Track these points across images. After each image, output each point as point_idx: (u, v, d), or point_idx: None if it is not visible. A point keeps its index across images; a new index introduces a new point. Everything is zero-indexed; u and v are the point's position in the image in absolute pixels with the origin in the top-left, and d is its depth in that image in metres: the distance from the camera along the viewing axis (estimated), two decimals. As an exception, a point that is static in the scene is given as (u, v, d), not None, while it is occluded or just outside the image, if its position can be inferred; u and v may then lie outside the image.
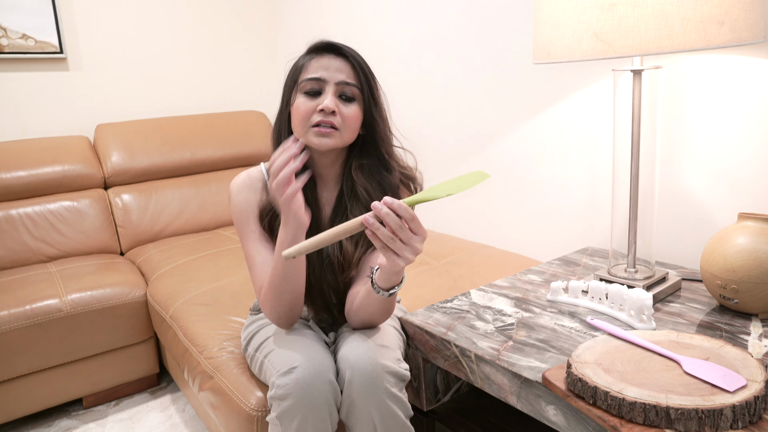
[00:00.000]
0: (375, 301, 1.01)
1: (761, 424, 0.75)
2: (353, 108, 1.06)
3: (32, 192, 2.13)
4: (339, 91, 1.05)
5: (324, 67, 1.05)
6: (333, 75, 1.04)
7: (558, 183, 1.69)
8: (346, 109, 1.05)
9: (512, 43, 1.73)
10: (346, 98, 1.06)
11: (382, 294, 0.97)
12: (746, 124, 1.26)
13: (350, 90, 1.05)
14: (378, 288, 0.97)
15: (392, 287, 0.97)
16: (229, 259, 1.92)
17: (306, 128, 1.05)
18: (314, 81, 1.04)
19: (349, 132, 1.06)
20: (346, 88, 1.05)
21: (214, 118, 2.59)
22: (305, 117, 1.04)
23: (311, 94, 1.05)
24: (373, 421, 0.97)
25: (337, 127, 1.04)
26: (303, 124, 1.05)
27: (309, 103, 1.04)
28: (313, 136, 1.04)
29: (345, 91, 1.05)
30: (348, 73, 1.06)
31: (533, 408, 0.93)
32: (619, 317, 1.10)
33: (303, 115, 1.04)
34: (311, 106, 1.04)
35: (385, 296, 0.98)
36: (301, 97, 1.05)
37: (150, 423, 1.72)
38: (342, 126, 1.05)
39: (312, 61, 1.07)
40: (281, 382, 0.95)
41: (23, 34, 2.24)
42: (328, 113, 1.03)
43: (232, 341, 1.35)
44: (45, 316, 1.65)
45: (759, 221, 1.09)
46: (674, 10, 0.96)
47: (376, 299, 1.00)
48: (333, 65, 1.05)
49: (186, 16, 2.64)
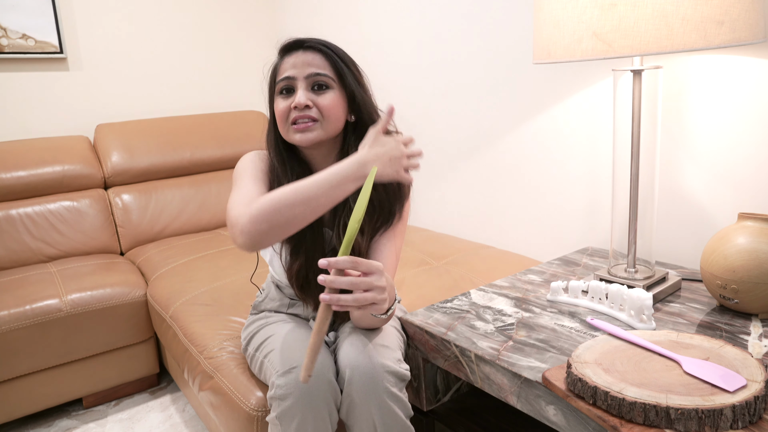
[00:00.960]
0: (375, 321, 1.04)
1: (761, 424, 0.75)
2: (329, 96, 1.06)
3: (32, 192, 2.13)
4: (311, 83, 1.05)
5: (292, 64, 1.06)
6: (301, 70, 1.05)
7: (558, 183, 1.69)
8: (321, 99, 1.05)
9: (512, 43, 1.73)
10: (320, 87, 1.06)
11: (381, 317, 1.00)
12: (746, 124, 1.26)
13: (322, 79, 1.05)
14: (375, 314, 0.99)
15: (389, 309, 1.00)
16: (229, 259, 1.92)
17: (287, 127, 1.07)
18: (285, 80, 1.06)
19: (331, 121, 1.06)
20: (316, 78, 1.05)
21: (213, 118, 2.59)
22: (283, 116, 1.06)
23: (285, 92, 1.06)
24: (373, 420, 0.97)
25: (316, 119, 1.05)
26: (283, 123, 1.07)
27: (284, 102, 1.06)
28: (294, 133, 1.06)
29: (317, 81, 1.05)
30: (318, 64, 1.06)
31: (533, 408, 0.93)
32: (619, 317, 1.10)
33: (281, 116, 1.06)
34: (287, 105, 1.06)
35: (384, 318, 1.01)
36: (278, 98, 1.07)
37: (150, 423, 1.72)
38: (321, 116, 1.05)
39: (282, 62, 1.08)
40: (281, 382, 0.95)
41: (23, 34, 2.24)
42: (301, 108, 1.04)
43: (232, 341, 1.35)
44: (45, 316, 1.65)
45: (759, 221, 1.09)
46: (674, 10, 0.96)
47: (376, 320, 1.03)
48: (301, 60, 1.06)
49: (186, 16, 2.64)
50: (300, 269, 1.10)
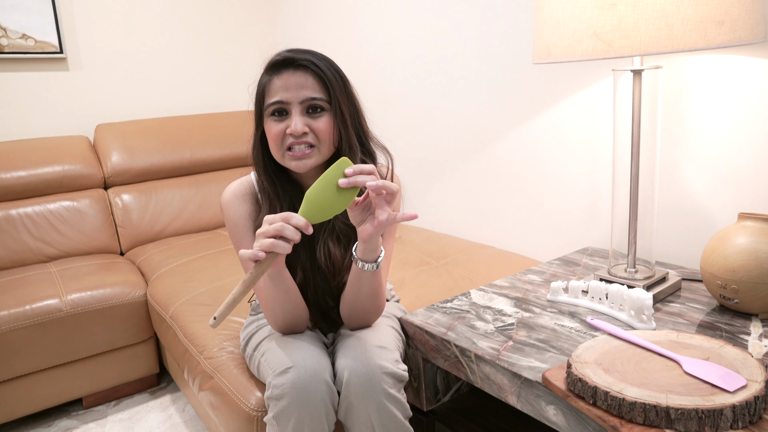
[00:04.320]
0: (365, 284, 1.02)
1: (761, 424, 0.75)
2: (324, 119, 1.02)
3: (32, 192, 2.13)
4: (305, 108, 1.01)
5: (284, 87, 1.00)
6: (295, 94, 1.00)
7: (558, 183, 1.69)
8: (317, 123, 1.01)
9: (512, 43, 1.73)
10: (314, 110, 1.02)
11: (368, 267, 0.99)
12: (746, 123, 1.26)
13: (317, 103, 1.01)
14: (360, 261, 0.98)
15: (377, 258, 0.99)
16: (229, 259, 1.92)
17: (282, 151, 1.03)
18: (278, 104, 1.01)
19: (327, 144, 1.03)
20: (311, 102, 1.01)
21: (214, 118, 2.59)
22: (277, 141, 1.02)
23: (277, 114, 1.02)
24: (371, 422, 0.97)
25: (313, 144, 1.02)
26: (277, 148, 1.03)
27: (278, 125, 1.01)
28: (290, 160, 1.03)
29: (312, 105, 1.02)
30: (311, 87, 1.01)
31: (533, 408, 0.93)
32: (619, 317, 1.10)
33: (274, 139, 1.02)
34: (281, 129, 1.01)
35: (372, 269, 0.99)
36: (269, 120, 1.03)
37: (150, 423, 1.72)
38: (318, 141, 1.02)
39: (272, 81, 1.02)
40: (277, 382, 0.95)
41: (23, 34, 2.24)
42: (298, 135, 1.01)
43: (232, 341, 1.35)
44: (45, 316, 1.65)
45: (759, 221, 1.09)
46: (674, 10, 0.96)
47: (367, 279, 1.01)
48: (293, 82, 1.00)
49: (186, 16, 2.64)
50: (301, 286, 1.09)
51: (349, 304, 1.06)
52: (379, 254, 1.00)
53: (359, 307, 1.06)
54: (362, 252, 0.98)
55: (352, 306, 1.06)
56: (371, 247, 0.97)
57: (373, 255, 0.99)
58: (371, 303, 1.06)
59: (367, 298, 1.04)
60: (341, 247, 1.09)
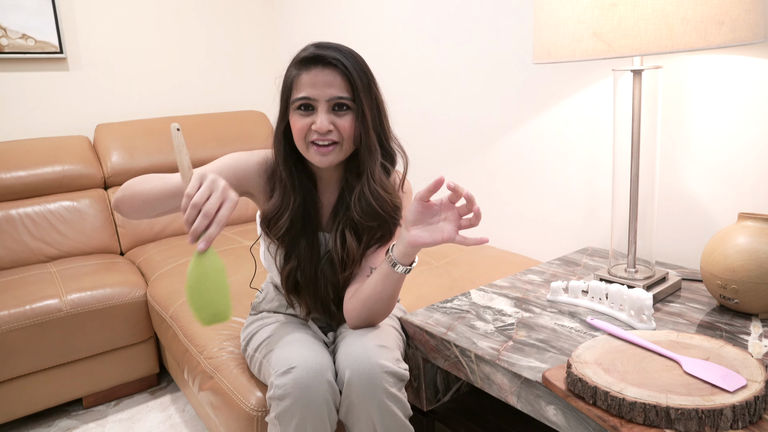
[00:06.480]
0: (389, 285, 1.02)
1: (761, 424, 0.75)
2: (349, 118, 1.03)
3: (32, 192, 2.13)
4: (331, 105, 1.02)
5: (312, 83, 1.01)
6: (322, 92, 1.01)
7: (558, 183, 1.69)
8: (342, 121, 1.02)
9: (512, 43, 1.73)
10: (340, 107, 1.03)
11: (402, 270, 1.00)
12: (746, 124, 1.26)
13: (343, 101, 1.02)
14: (396, 262, 0.99)
15: (412, 262, 1.01)
16: (229, 259, 1.92)
17: (306, 144, 1.04)
18: (304, 99, 1.01)
19: (349, 142, 1.04)
20: (338, 101, 1.02)
21: (214, 118, 2.59)
22: (301, 134, 1.03)
23: (303, 109, 1.02)
24: (372, 421, 0.97)
25: (337, 141, 1.03)
26: (301, 140, 1.04)
27: (303, 120, 1.02)
28: (314, 155, 1.03)
29: (338, 103, 1.02)
30: (339, 86, 1.01)
31: (533, 408, 0.93)
32: (619, 317, 1.10)
33: (299, 132, 1.03)
34: (306, 123, 1.02)
35: (405, 272, 1.00)
36: (295, 113, 1.03)
37: (150, 423, 1.72)
38: (342, 138, 1.03)
39: (300, 76, 1.02)
40: (279, 382, 0.95)
41: (23, 34, 2.24)
42: (323, 132, 1.01)
43: (232, 341, 1.35)
44: (45, 316, 1.65)
45: (759, 221, 1.08)
46: (674, 10, 0.96)
47: (393, 281, 1.01)
48: (321, 80, 1.01)
49: (186, 16, 2.64)
50: (291, 272, 1.10)
51: (365, 302, 1.05)
52: (414, 259, 1.01)
53: (375, 307, 1.05)
54: (401, 254, 0.99)
55: (368, 305, 1.05)
56: (412, 252, 0.98)
57: (410, 259, 1.00)
58: (387, 304, 1.06)
59: (386, 299, 1.04)
60: (357, 238, 1.09)
